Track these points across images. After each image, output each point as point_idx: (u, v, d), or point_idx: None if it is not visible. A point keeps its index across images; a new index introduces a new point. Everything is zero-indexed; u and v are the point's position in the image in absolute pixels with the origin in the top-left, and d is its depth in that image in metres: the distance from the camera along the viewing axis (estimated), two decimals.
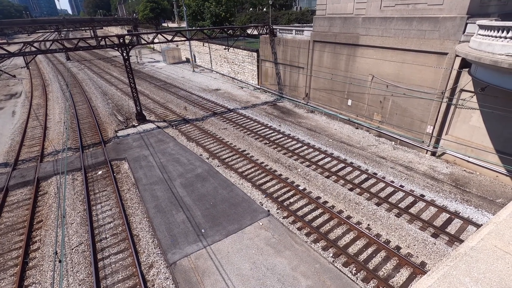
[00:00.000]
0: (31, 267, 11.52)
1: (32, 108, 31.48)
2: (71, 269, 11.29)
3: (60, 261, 10.60)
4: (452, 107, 17.02)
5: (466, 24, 15.60)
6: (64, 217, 13.89)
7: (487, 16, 16.08)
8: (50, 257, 11.87)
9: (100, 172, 18.14)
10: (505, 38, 11.44)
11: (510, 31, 11.22)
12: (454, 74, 16.43)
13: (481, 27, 13.02)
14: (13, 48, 26.23)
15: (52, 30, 63.73)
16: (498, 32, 11.79)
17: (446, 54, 16.60)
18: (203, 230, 12.71)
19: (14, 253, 12.24)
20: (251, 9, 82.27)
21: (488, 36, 12.35)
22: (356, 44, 21.64)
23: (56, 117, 28.45)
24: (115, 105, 30.84)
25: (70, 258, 11.79)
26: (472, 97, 15.86)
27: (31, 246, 12.56)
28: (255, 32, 30.26)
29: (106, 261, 11.63)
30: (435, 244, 11.72)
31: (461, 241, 11.44)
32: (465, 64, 15.80)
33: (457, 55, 15.74)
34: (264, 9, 79.93)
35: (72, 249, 12.20)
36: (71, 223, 13.73)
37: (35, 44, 20.44)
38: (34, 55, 20.67)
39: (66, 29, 76.45)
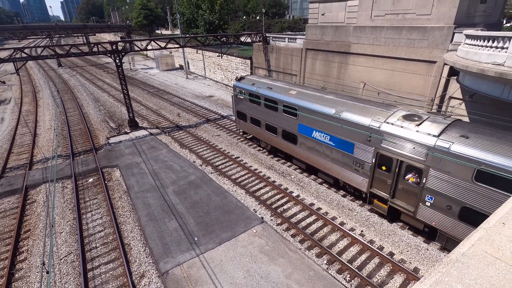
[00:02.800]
0: (17, 278, 11.14)
1: (21, 115, 30.92)
2: (59, 280, 10.96)
3: (47, 272, 10.29)
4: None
5: (454, 33, 16.07)
6: (52, 226, 13.55)
7: (473, 26, 16.61)
8: (37, 268, 11.51)
9: (91, 180, 17.83)
10: (491, 47, 11.81)
11: (495, 41, 11.59)
12: (443, 82, 16.83)
13: (468, 36, 13.42)
14: (3, 54, 25.74)
15: (44, 36, 63.19)
16: (484, 41, 12.16)
17: (435, 62, 17.02)
18: (196, 238, 12.54)
19: (0, 264, 11.84)
20: (244, 17, 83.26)
21: (475, 45, 12.73)
22: (348, 52, 22.03)
23: (46, 124, 27.99)
24: (107, 112, 30.55)
25: (59, 268, 11.46)
26: (460, 104, 16.23)
27: (17, 257, 12.17)
28: (249, 40, 30.58)
29: (96, 271, 11.33)
30: (427, 250, 11.79)
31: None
32: (454, 72, 16.21)
33: (445, 64, 16.14)
34: (257, 17, 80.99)
35: (61, 259, 11.87)
36: (60, 232, 13.40)
37: (26, 50, 20.22)
38: (24, 61, 20.42)
39: (58, 36, 75.92)
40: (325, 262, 11.44)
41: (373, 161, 12.96)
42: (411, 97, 18.54)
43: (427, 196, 11.41)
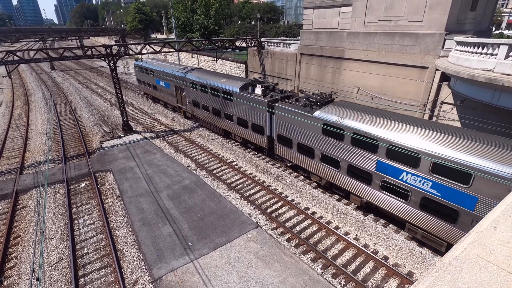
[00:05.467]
0: (6, 286, 10.86)
1: (12, 118, 30.46)
2: (49, 287, 10.72)
3: (37, 279, 10.05)
4: (434, 119, 17.62)
5: (445, 40, 16.40)
6: (43, 232, 13.28)
7: (464, 33, 16.98)
8: (27, 275, 11.24)
9: (83, 184, 17.58)
10: (481, 53, 12.07)
11: (485, 47, 11.85)
12: (435, 87, 17.10)
13: (459, 43, 13.71)
14: None
15: (37, 39, 62.59)
16: (474, 48, 12.44)
17: (426, 68, 17.31)
18: (190, 243, 12.41)
19: None
20: (239, 22, 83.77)
21: (465, 51, 13.00)
22: (342, 58, 22.28)
23: (38, 127, 27.60)
24: (100, 116, 30.28)
25: (49, 275, 11.22)
26: (452, 109, 16.49)
27: (6, 264, 11.88)
28: (244, 45, 30.73)
29: (88, 278, 11.12)
30: (421, 253, 11.86)
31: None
32: (445, 77, 16.50)
33: (437, 69, 16.43)
34: (252, 23, 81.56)
35: (51, 266, 11.62)
36: (51, 238, 13.13)
37: (18, 53, 19.99)
38: (16, 64, 20.18)
39: (51, 39, 75.24)
40: (320, 266, 11.41)
41: (175, 90, 28.18)
42: (404, 102, 18.79)
43: (187, 100, 26.65)
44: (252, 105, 18.74)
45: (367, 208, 14.44)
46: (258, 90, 18.62)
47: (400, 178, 11.95)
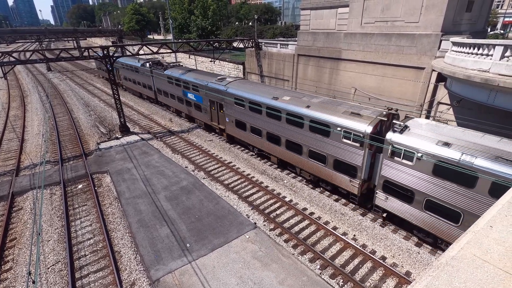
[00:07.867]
0: None
1: (8, 120, 30.23)
2: None
3: (33, 282, 9.94)
4: (431, 119, 17.73)
5: (441, 40, 16.51)
6: (39, 234, 13.18)
7: (459, 34, 17.11)
8: (23, 277, 11.15)
9: (80, 186, 17.47)
10: (477, 54, 12.16)
11: (481, 48, 11.95)
12: (431, 88, 17.22)
13: (455, 44, 13.81)
14: None
15: (33, 40, 62.16)
16: (470, 48, 12.53)
17: (423, 68, 17.42)
18: (188, 245, 12.37)
19: None
20: (237, 23, 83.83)
21: (461, 52, 13.09)
22: (339, 58, 22.37)
23: (34, 129, 27.41)
24: (97, 117, 30.14)
25: (45, 278, 11.13)
26: (448, 109, 16.60)
27: (2, 266, 11.78)
28: (241, 46, 30.75)
29: (85, 280, 11.05)
30: (419, 253, 11.91)
31: None
32: (441, 78, 16.60)
33: (433, 70, 16.54)
34: (250, 23, 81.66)
35: (48, 269, 11.53)
36: (47, 240, 13.04)
37: (14, 54, 19.85)
38: (12, 66, 20.04)
39: (47, 40, 74.76)
40: (318, 267, 11.42)
41: (116, 71, 37.94)
42: (401, 102, 18.88)
43: (121, 76, 40.12)
44: (145, 73, 31.42)
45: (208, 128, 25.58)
46: (147, 65, 31.11)
47: (188, 97, 25.21)
